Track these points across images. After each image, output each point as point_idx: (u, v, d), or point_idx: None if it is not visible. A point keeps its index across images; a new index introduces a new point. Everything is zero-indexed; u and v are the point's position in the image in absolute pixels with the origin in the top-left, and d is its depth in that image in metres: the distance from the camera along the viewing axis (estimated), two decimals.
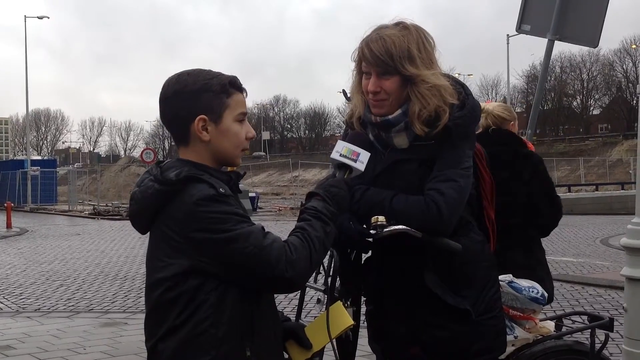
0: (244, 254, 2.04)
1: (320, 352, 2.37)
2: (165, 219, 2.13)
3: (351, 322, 2.34)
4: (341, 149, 2.43)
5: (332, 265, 2.51)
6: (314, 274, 2.55)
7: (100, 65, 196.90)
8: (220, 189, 2.10)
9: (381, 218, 2.45)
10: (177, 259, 2.10)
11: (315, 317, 2.43)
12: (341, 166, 2.42)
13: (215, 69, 2.28)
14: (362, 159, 2.42)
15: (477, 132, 3.32)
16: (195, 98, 2.18)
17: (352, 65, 2.68)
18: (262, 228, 2.12)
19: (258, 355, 2.15)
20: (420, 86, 2.52)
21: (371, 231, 2.46)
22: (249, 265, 2.05)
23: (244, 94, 2.28)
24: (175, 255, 2.10)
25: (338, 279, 2.52)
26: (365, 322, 2.85)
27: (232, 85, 2.23)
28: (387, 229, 2.45)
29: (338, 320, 2.33)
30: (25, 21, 43.19)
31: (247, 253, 2.04)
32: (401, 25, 2.57)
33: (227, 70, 2.28)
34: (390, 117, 2.58)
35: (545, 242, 14.96)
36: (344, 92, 2.80)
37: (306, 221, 2.20)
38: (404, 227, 2.46)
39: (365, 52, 2.54)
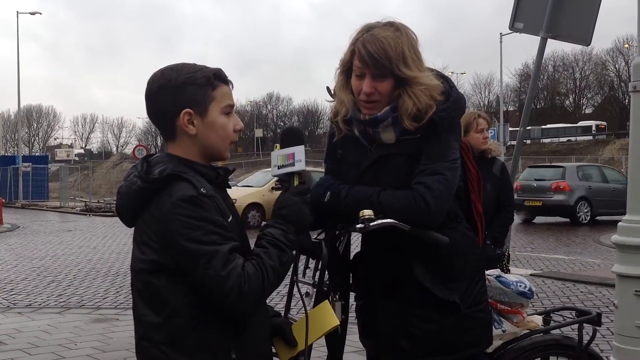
0: (203, 274, 2.03)
1: (308, 349, 2.36)
2: (145, 215, 2.13)
3: (337, 322, 2.33)
4: (277, 161, 2.39)
5: (321, 259, 2.51)
6: (303, 268, 2.55)
7: (92, 61, 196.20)
8: (202, 189, 2.09)
9: (368, 212, 2.45)
10: (150, 255, 2.10)
11: (304, 313, 2.42)
12: (290, 175, 2.37)
13: (209, 64, 2.27)
14: (298, 157, 2.36)
15: None
16: (179, 92, 2.16)
17: (338, 64, 2.68)
18: (230, 249, 2.07)
19: (244, 357, 2.14)
20: (415, 87, 2.53)
21: (359, 225, 2.46)
22: (205, 285, 2.05)
23: (230, 86, 2.26)
24: (149, 252, 2.11)
25: (326, 272, 2.52)
26: (355, 318, 2.86)
27: (217, 78, 2.21)
28: (374, 223, 2.45)
29: (324, 320, 2.33)
30: (17, 17, 43.07)
31: (205, 274, 2.03)
32: (393, 27, 2.57)
33: (222, 67, 2.26)
34: (378, 114, 2.58)
35: (537, 239, 14.91)
36: (328, 89, 2.80)
37: (263, 248, 2.17)
38: (391, 220, 2.46)
39: (362, 52, 2.53)
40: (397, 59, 2.51)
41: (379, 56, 2.50)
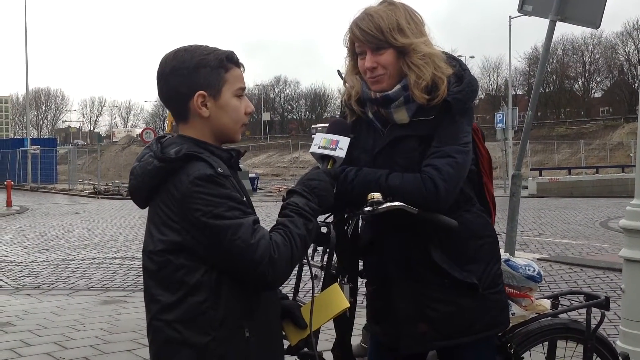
0: (231, 245, 2.04)
1: (316, 332, 2.37)
2: (163, 195, 2.13)
3: (347, 304, 2.33)
4: (319, 141, 2.45)
5: (329, 241, 2.51)
6: (311, 251, 2.55)
7: (101, 43, 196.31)
8: (219, 169, 2.10)
9: (377, 195, 2.45)
10: (170, 235, 2.10)
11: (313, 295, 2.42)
12: (324, 158, 2.43)
13: (218, 46, 2.27)
14: (341, 146, 2.43)
15: None
16: (193, 74, 2.17)
17: (345, 51, 2.70)
18: (254, 221, 2.10)
19: (257, 336, 2.15)
20: (413, 56, 2.54)
21: (367, 208, 2.46)
22: (233, 257, 2.05)
23: (242, 69, 2.27)
24: (169, 232, 2.11)
25: (335, 255, 2.52)
26: (365, 303, 2.86)
27: (229, 60, 2.22)
28: (383, 206, 2.45)
29: (333, 303, 2.33)
30: None
31: (233, 246, 2.04)
32: (387, 3, 2.61)
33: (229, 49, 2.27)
34: (389, 92, 2.58)
35: (545, 223, 14.85)
36: (339, 72, 2.80)
37: (288, 217, 2.19)
38: (400, 203, 2.45)
39: (356, 31, 2.58)
40: (391, 28, 2.53)
41: (370, 29, 2.53)
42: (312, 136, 2.49)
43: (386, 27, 2.52)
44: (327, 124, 2.56)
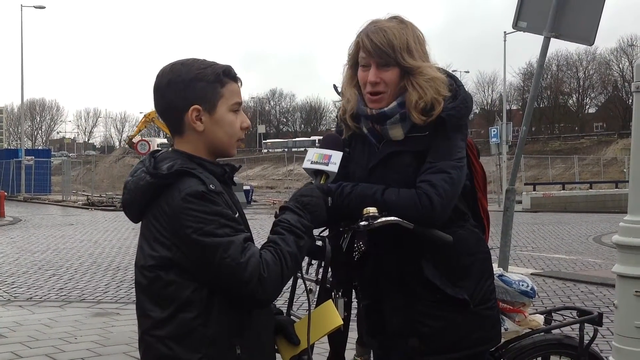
0: (220, 263, 2.03)
1: (310, 347, 2.36)
2: (154, 210, 2.13)
3: (340, 322, 2.33)
4: (312, 157, 2.47)
5: (324, 256, 2.50)
6: (306, 265, 2.55)
7: (96, 54, 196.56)
8: (211, 185, 2.09)
9: (372, 209, 2.46)
10: (161, 251, 2.10)
11: (307, 310, 2.42)
12: (317, 173, 2.44)
13: (214, 59, 2.26)
14: (334, 161, 2.44)
15: None
16: (188, 88, 2.16)
17: (345, 60, 2.70)
18: (245, 239, 2.09)
19: (248, 353, 2.15)
20: (419, 78, 2.55)
21: (362, 222, 2.47)
22: (222, 275, 2.05)
23: (239, 84, 2.26)
24: (160, 248, 2.10)
25: (330, 269, 2.52)
26: (358, 316, 2.85)
27: (226, 75, 2.21)
28: (378, 220, 2.45)
29: (327, 320, 2.32)
30: (21, 10, 42.99)
31: (223, 264, 2.03)
32: (398, 20, 2.61)
33: (225, 62, 2.26)
34: (385, 109, 2.59)
35: (538, 238, 14.87)
36: (334, 87, 2.80)
37: (279, 235, 2.18)
38: (395, 218, 2.46)
39: (366, 42, 2.56)
40: (402, 48, 2.53)
41: (382, 44, 2.53)
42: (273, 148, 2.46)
43: (397, 45, 2.53)
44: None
